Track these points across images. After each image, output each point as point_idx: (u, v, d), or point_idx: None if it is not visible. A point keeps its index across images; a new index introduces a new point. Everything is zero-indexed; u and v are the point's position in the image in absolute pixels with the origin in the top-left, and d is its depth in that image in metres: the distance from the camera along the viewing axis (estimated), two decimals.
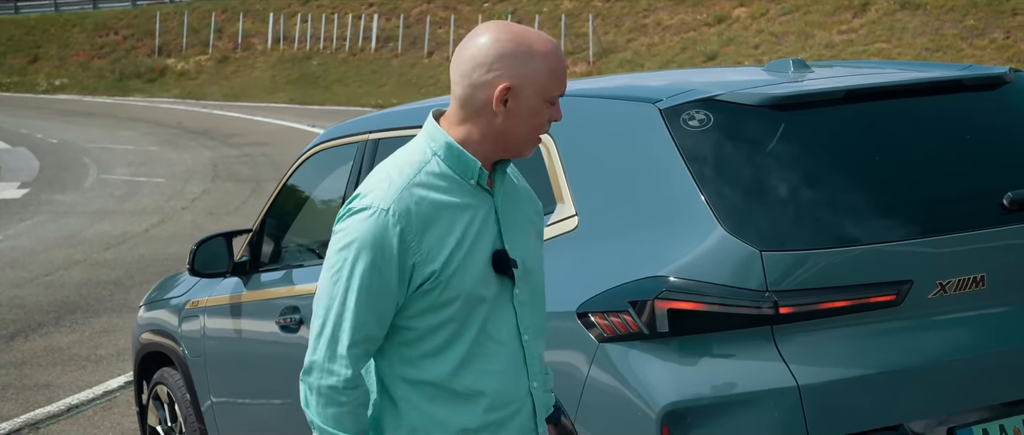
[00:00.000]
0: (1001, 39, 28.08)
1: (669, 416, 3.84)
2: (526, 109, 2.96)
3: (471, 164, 3.00)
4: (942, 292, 3.95)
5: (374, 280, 2.92)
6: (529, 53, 2.94)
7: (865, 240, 3.87)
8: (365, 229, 2.92)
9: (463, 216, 2.99)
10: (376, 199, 2.94)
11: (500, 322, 3.05)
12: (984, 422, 4.01)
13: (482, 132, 2.99)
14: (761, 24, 34.14)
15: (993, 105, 4.39)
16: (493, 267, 3.00)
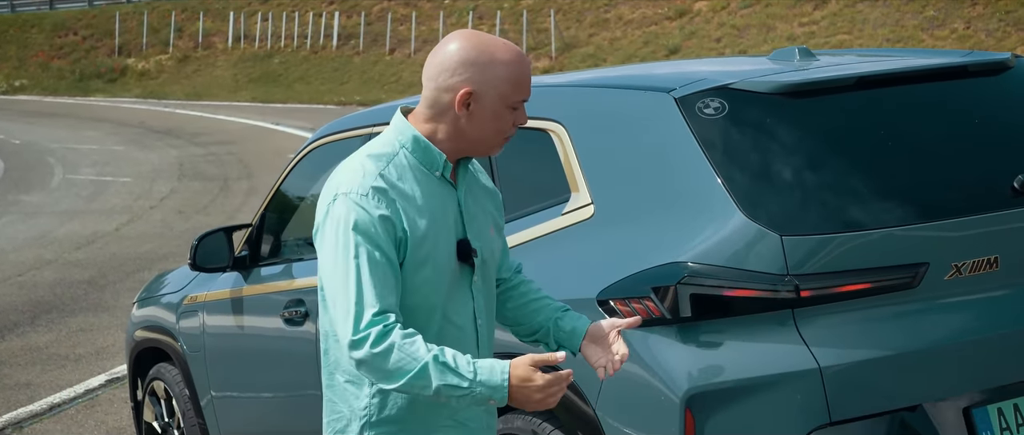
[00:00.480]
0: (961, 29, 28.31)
1: (693, 400, 3.90)
2: (488, 113, 3.19)
3: (437, 157, 3.23)
4: (958, 274, 4.02)
5: (375, 251, 3.14)
6: (491, 61, 3.17)
7: (882, 224, 3.94)
8: (351, 215, 3.15)
9: (430, 204, 3.22)
10: (353, 187, 3.18)
11: (458, 307, 3.30)
12: (999, 401, 4.09)
13: (447, 131, 3.23)
14: (722, 17, 34.29)
15: (998, 90, 4.47)
16: (457, 255, 3.24)
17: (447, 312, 3.28)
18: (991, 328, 4.09)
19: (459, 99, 3.18)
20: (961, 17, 28.80)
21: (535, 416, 4.37)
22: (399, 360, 3.10)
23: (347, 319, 3.13)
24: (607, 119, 4.41)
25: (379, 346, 3.11)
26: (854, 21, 30.48)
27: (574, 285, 4.22)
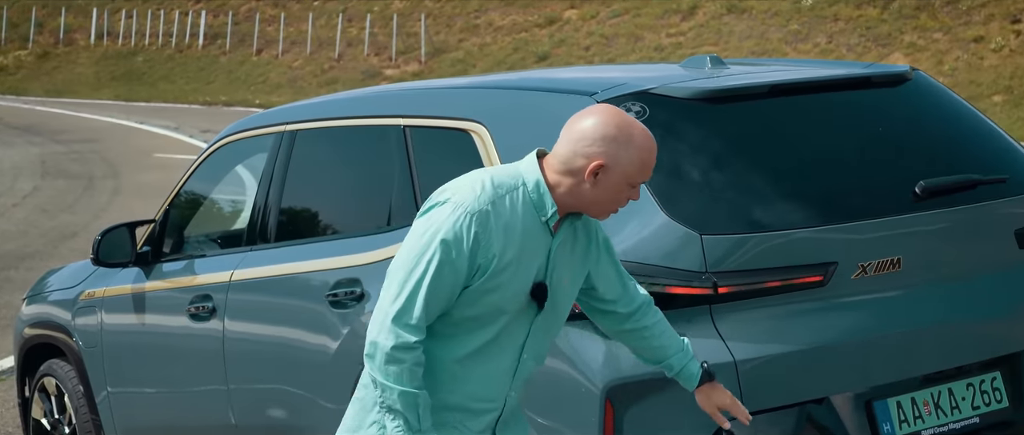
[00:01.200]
0: (824, 44, 28.99)
1: (612, 391, 4.05)
2: (611, 185, 3.46)
3: (549, 205, 3.49)
4: (863, 273, 4.23)
5: (446, 268, 3.42)
6: (628, 143, 3.45)
7: (795, 225, 4.13)
8: (449, 223, 3.42)
9: (525, 241, 3.48)
10: (463, 199, 3.45)
11: (512, 334, 3.56)
12: (899, 395, 4.31)
13: (568, 188, 3.48)
14: (592, 26, 34.68)
15: (899, 100, 4.70)
16: (531, 293, 3.51)
17: (500, 335, 3.55)
18: (893, 325, 4.31)
19: (591, 168, 3.44)
20: (823, 32, 29.49)
21: None
22: (400, 375, 3.42)
23: (394, 304, 3.42)
24: (529, 120, 4.55)
25: (398, 353, 3.41)
26: (720, 33, 31.04)
27: None
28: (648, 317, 3.80)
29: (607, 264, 3.74)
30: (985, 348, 4.50)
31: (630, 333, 3.82)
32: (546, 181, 3.50)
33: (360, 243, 4.96)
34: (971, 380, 4.45)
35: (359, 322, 4.85)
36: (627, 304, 3.78)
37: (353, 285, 4.90)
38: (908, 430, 4.29)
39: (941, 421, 4.36)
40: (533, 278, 3.51)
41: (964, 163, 4.56)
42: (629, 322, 3.79)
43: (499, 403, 3.62)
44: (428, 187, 4.76)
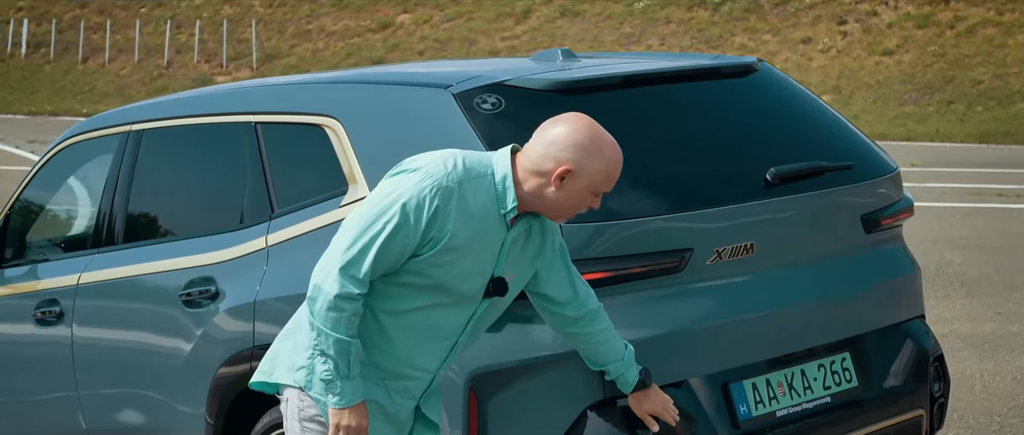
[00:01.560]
0: (656, 46, 29.42)
1: (476, 380, 4.08)
2: (575, 191, 3.62)
3: (510, 201, 3.63)
4: (719, 259, 4.32)
5: (401, 232, 3.55)
6: (598, 154, 3.61)
7: (651, 213, 4.20)
8: (415, 190, 3.56)
9: (480, 228, 3.61)
10: (434, 171, 3.58)
11: (457, 314, 3.72)
12: (754, 376, 4.40)
13: (534, 188, 3.63)
14: (425, 30, 34.71)
15: (747, 91, 4.81)
16: (490, 285, 3.68)
17: (440, 312, 3.70)
18: (748, 309, 4.40)
19: (559, 172, 3.59)
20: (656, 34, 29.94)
21: None
22: (338, 322, 3.57)
23: (345, 254, 3.56)
24: (384, 114, 4.55)
25: (340, 301, 3.56)
26: (554, 36, 31.30)
27: None
28: (594, 325, 3.93)
29: (560, 267, 3.87)
30: (834, 330, 4.62)
31: (574, 336, 3.95)
32: (514, 176, 3.62)
33: (213, 242, 4.91)
34: (822, 361, 4.57)
35: (213, 322, 4.80)
36: (576, 309, 3.90)
37: (207, 284, 4.85)
38: (763, 410, 4.39)
39: (795, 401, 4.47)
40: (482, 266, 3.65)
41: (811, 151, 4.67)
42: (575, 326, 3.93)
43: (430, 375, 3.77)
44: (282, 184, 4.75)
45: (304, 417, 3.76)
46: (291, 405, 3.78)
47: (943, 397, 4.96)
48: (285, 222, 4.68)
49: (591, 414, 4.09)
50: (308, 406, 3.74)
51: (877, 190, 4.82)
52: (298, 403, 3.76)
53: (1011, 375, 7.72)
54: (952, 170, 18.32)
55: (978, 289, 10.25)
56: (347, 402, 3.63)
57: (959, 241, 12.48)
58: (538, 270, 3.85)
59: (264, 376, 3.86)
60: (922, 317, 5.00)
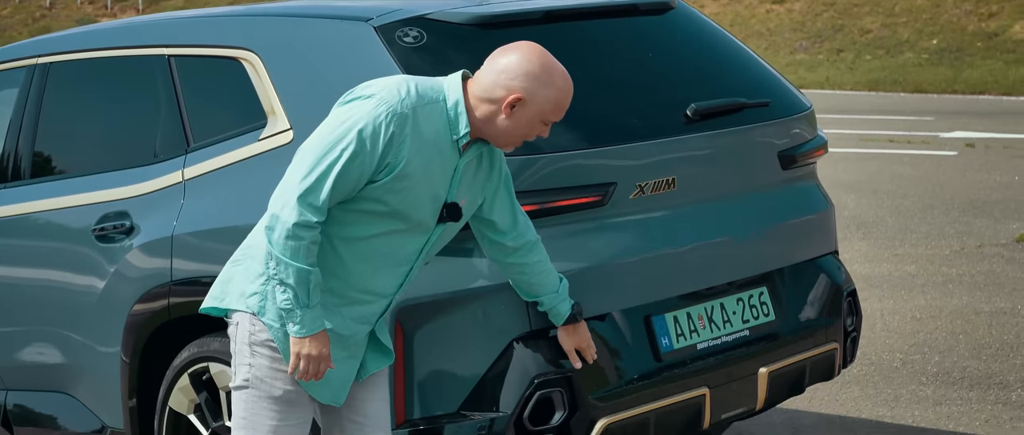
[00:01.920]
0: None
1: (402, 312, 4.07)
2: (524, 119, 3.65)
3: (462, 126, 3.65)
4: (641, 193, 4.35)
5: (357, 159, 3.56)
6: (548, 82, 3.64)
7: (576, 147, 4.21)
8: (370, 117, 3.56)
9: (433, 154, 3.63)
10: (388, 98, 3.58)
11: (411, 240, 3.73)
12: (675, 310, 4.45)
13: (485, 115, 3.65)
14: None
15: (665, 28, 4.83)
16: (443, 210, 3.70)
17: (396, 238, 3.70)
18: (669, 243, 4.44)
19: (509, 100, 3.62)
20: None
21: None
22: (296, 251, 3.57)
23: (302, 182, 3.56)
24: (304, 47, 4.51)
25: (299, 230, 3.55)
26: None
27: None
28: (531, 255, 3.95)
29: (504, 196, 3.88)
30: (753, 264, 4.68)
31: (511, 266, 3.96)
32: (466, 103, 3.63)
33: (127, 176, 4.84)
34: (740, 295, 4.62)
35: (128, 257, 4.74)
36: (515, 238, 3.91)
37: (121, 218, 4.79)
38: (685, 343, 4.43)
39: (715, 334, 4.52)
40: (436, 191, 3.67)
41: (729, 88, 4.71)
42: (513, 256, 3.94)
43: (386, 300, 3.78)
44: (197, 117, 4.70)
45: (255, 341, 3.74)
46: (242, 329, 3.76)
47: (856, 331, 5.05)
48: (202, 156, 4.62)
49: (517, 346, 4.10)
50: (259, 330, 3.73)
51: (793, 127, 4.88)
52: (249, 327, 3.74)
53: (910, 313, 7.88)
54: (843, 117, 18.59)
55: (874, 232, 10.42)
56: (308, 331, 3.63)
57: (853, 185, 12.67)
58: (484, 196, 3.85)
59: (215, 301, 3.84)
60: (835, 253, 5.08)
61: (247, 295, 3.74)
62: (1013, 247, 9.67)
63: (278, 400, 3.74)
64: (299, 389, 3.74)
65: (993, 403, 6.19)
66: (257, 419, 3.75)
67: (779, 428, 5.99)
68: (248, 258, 3.78)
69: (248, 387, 3.76)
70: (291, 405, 3.75)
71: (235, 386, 3.80)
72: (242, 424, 3.78)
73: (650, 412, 4.31)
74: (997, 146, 15.14)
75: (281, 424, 3.75)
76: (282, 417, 3.75)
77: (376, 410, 3.87)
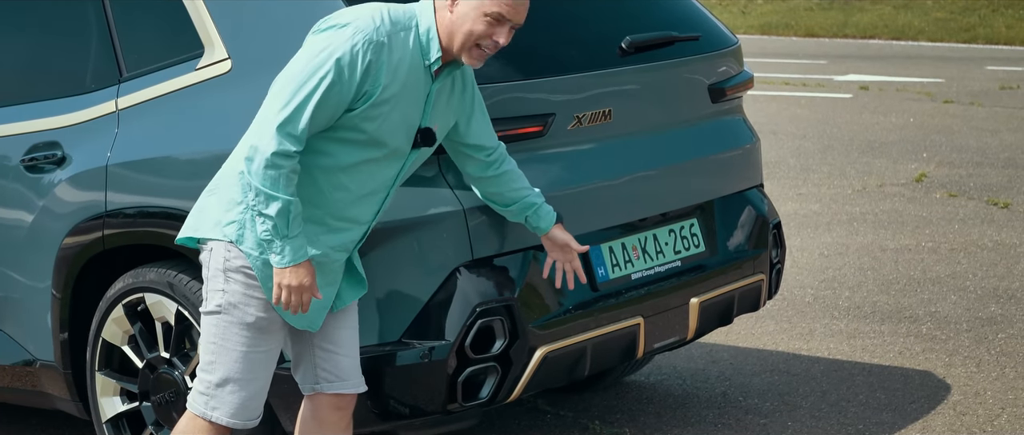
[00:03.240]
0: None
1: None
2: (465, 13, 3.64)
3: (433, 51, 3.68)
4: (579, 124, 4.40)
5: (335, 87, 3.58)
6: None
7: (516, 77, 4.25)
8: (347, 45, 3.58)
9: (408, 81, 3.67)
10: (364, 26, 3.60)
11: (387, 166, 3.76)
12: (611, 240, 4.52)
13: (443, 25, 3.67)
14: None
15: None
16: (418, 135, 3.73)
17: (372, 165, 3.73)
18: (606, 174, 4.51)
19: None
20: None
21: (171, 268, 4.44)
22: (276, 181, 3.58)
23: (280, 113, 3.57)
24: None
25: (278, 159, 3.57)
26: None
27: (216, 138, 4.30)
28: (507, 163, 4.02)
29: (479, 113, 3.93)
30: (684, 196, 4.76)
31: (492, 179, 4.02)
32: (436, 28, 3.67)
33: (57, 106, 4.79)
34: (672, 226, 4.71)
35: (59, 189, 4.69)
36: (492, 153, 3.97)
37: (52, 149, 4.74)
38: (620, 273, 4.51)
39: (648, 264, 4.60)
40: (410, 117, 3.70)
41: (661, 22, 4.77)
42: (491, 169, 4.00)
43: (363, 228, 3.81)
44: (130, 47, 4.65)
45: (229, 267, 3.74)
46: (215, 255, 3.77)
47: (780, 263, 5.17)
48: (137, 86, 4.58)
49: (460, 275, 4.15)
50: (235, 257, 3.73)
51: (721, 61, 4.96)
52: (224, 253, 3.75)
53: (818, 251, 8.04)
54: None
55: (777, 172, 10.59)
56: (290, 260, 3.64)
57: (754, 127, 12.84)
58: (459, 121, 3.90)
59: (190, 231, 3.83)
60: (761, 186, 5.18)
61: (223, 224, 3.74)
62: (913, 187, 9.89)
63: (250, 326, 3.76)
64: (272, 317, 3.76)
65: (904, 336, 6.36)
66: (227, 344, 3.77)
67: (698, 361, 6.11)
68: (224, 187, 3.78)
69: (220, 312, 3.77)
70: (262, 332, 3.77)
71: (207, 311, 3.80)
72: (212, 349, 3.79)
73: (587, 341, 4.38)
74: (890, 89, 15.42)
75: (251, 350, 3.77)
76: (252, 343, 3.77)
77: (347, 338, 3.90)
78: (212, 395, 3.80)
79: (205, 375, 3.82)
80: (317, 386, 3.91)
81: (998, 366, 5.88)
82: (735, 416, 5.38)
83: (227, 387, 3.78)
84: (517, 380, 4.25)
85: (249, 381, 3.79)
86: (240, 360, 3.77)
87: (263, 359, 3.80)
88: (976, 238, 8.25)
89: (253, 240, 3.71)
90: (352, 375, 3.91)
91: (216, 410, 3.80)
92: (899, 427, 5.21)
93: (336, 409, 3.91)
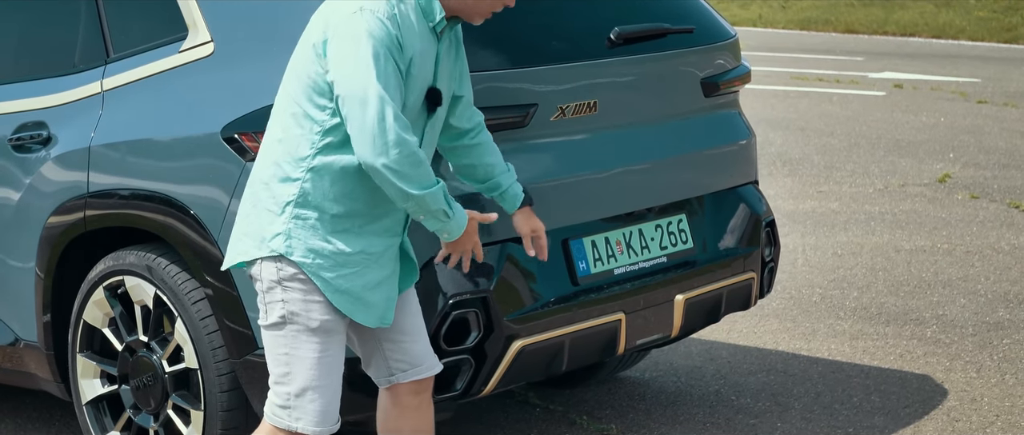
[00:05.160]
0: None
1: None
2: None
3: (437, 11, 3.64)
4: (562, 115, 4.34)
5: (390, 66, 3.53)
6: None
7: (498, 67, 4.19)
8: (376, 29, 3.52)
9: (421, 47, 3.62)
10: (376, 6, 3.54)
11: None
12: (594, 234, 4.46)
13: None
14: None
15: None
16: (426, 99, 3.67)
17: None
18: (589, 167, 4.44)
19: None
20: None
21: (150, 251, 4.41)
22: (424, 175, 3.55)
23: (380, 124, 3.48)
24: None
25: (415, 156, 3.51)
26: None
27: (197, 121, 4.27)
28: (483, 135, 3.96)
29: (465, 75, 3.89)
30: (672, 191, 4.69)
31: (467, 148, 3.94)
32: None
33: (46, 86, 4.77)
34: (659, 221, 4.64)
35: (44, 168, 4.67)
36: (469, 119, 3.92)
37: (39, 129, 4.72)
38: (602, 268, 4.45)
39: (632, 259, 4.53)
40: (427, 81, 3.66)
41: (654, 13, 4.70)
42: (466, 138, 3.93)
43: (399, 210, 3.71)
44: (118, 28, 4.62)
45: (283, 277, 3.64)
46: (266, 269, 3.66)
47: (773, 261, 5.09)
48: (122, 67, 4.56)
49: (434, 266, 4.09)
50: (285, 266, 3.63)
51: (716, 55, 4.88)
52: (275, 266, 3.64)
53: (831, 250, 7.95)
54: (774, 54, 18.65)
55: (800, 169, 10.49)
56: (460, 230, 3.70)
57: (781, 122, 12.73)
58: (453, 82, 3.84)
59: (240, 256, 3.72)
60: (755, 183, 5.10)
61: (267, 239, 3.64)
62: (935, 187, 9.77)
63: (316, 331, 3.66)
64: (335, 317, 3.67)
65: (908, 338, 6.27)
66: (299, 353, 3.67)
67: (696, 358, 6.04)
68: (256, 206, 3.69)
69: (285, 323, 3.66)
70: (329, 334, 3.68)
71: (269, 324, 3.69)
72: (284, 360, 3.69)
73: (565, 335, 4.32)
74: (924, 88, 15.26)
75: (322, 355, 3.68)
76: (323, 347, 3.68)
77: (411, 325, 3.84)
78: (294, 406, 3.70)
79: (281, 387, 3.72)
80: (392, 378, 3.84)
81: (999, 372, 5.79)
82: (725, 416, 5.31)
83: (307, 396, 3.69)
84: (491, 373, 4.20)
85: (326, 387, 3.70)
86: (314, 367, 3.68)
87: (333, 361, 3.72)
88: (993, 241, 8.13)
89: (304, 248, 3.62)
90: (425, 358, 3.86)
91: (300, 421, 3.71)
92: (889, 431, 5.13)
93: (415, 394, 3.86)
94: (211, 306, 4.26)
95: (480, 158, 3.95)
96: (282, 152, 3.65)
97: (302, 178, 3.62)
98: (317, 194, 3.61)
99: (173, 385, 4.44)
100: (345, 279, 3.65)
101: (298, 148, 3.61)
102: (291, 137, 3.63)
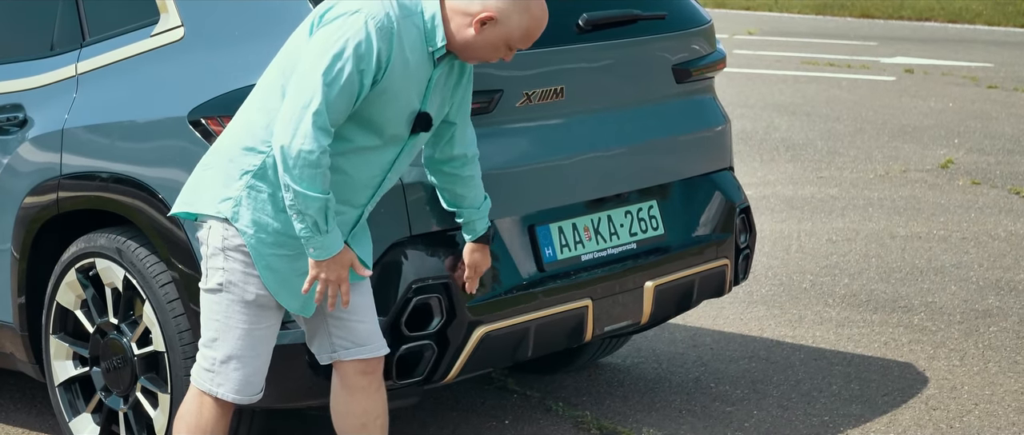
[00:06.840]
0: None
1: None
2: (492, 40, 3.69)
3: (439, 38, 3.68)
4: (528, 101, 4.34)
5: (355, 76, 3.57)
6: (525, 9, 3.69)
7: None
8: (362, 33, 3.57)
9: (412, 67, 3.67)
10: (374, 13, 3.59)
11: (386, 151, 3.75)
12: (560, 220, 4.46)
13: (456, 27, 3.69)
14: None
15: None
16: (416, 120, 3.72)
17: (369, 150, 3.72)
18: (556, 152, 4.44)
19: (481, 17, 3.65)
20: None
21: (120, 234, 4.43)
22: (314, 180, 3.57)
23: (306, 110, 3.54)
24: None
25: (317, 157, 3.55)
26: None
27: (164, 105, 4.29)
28: (468, 168, 4.00)
29: (467, 104, 3.93)
30: (643, 177, 4.69)
31: (447, 175, 4.00)
32: (442, 14, 3.67)
33: (24, 68, 4.79)
34: (629, 208, 4.63)
35: (20, 150, 4.69)
36: (462, 147, 3.96)
37: (16, 111, 4.74)
38: (569, 254, 4.44)
39: (600, 246, 4.53)
40: (411, 102, 3.70)
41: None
42: (449, 165, 3.98)
43: (357, 211, 3.80)
44: (94, 11, 4.63)
45: (227, 246, 3.75)
46: (214, 234, 3.76)
47: (748, 248, 5.07)
48: (96, 50, 4.57)
49: (396, 251, 4.10)
50: (232, 236, 3.73)
51: (690, 41, 4.87)
52: (222, 232, 3.75)
53: (826, 236, 7.93)
54: (787, 39, 18.57)
55: (802, 154, 10.46)
56: (327, 254, 3.66)
57: (787, 107, 12.69)
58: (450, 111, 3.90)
59: (186, 206, 3.83)
60: (731, 169, 5.09)
61: (219, 200, 3.73)
62: (937, 173, 9.73)
63: (250, 304, 3.77)
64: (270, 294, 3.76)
65: (894, 326, 6.25)
66: (230, 322, 3.79)
67: (679, 344, 6.03)
68: (219, 163, 3.77)
69: (222, 290, 3.77)
70: (263, 309, 3.79)
71: (207, 288, 3.81)
72: (214, 326, 3.81)
73: (530, 322, 4.32)
74: (936, 72, 15.19)
75: (252, 328, 3.79)
76: (254, 321, 3.79)
77: (360, 304, 3.87)
78: (217, 372, 3.83)
79: (208, 351, 3.84)
80: (334, 355, 3.89)
81: (982, 360, 5.77)
82: (702, 403, 5.31)
83: (231, 364, 3.81)
84: (454, 360, 4.21)
85: (252, 358, 3.82)
86: (243, 338, 3.80)
87: (264, 335, 3.83)
88: (990, 228, 8.10)
89: (248, 218, 3.70)
90: (371, 339, 3.89)
91: (221, 387, 3.83)
92: (866, 420, 5.12)
93: (363, 374, 3.90)
94: (177, 289, 4.28)
95: (454, 188, 4.03)
96: (256, 123, 3.73)
97: (267, 153, 3.70)
98: (276, 172, 3.66)
99: (142, 368, 4.46)
100: (279, 259, 3.73)
101: (271, 123, 3.67)
102: (268, 109, 3.71)
